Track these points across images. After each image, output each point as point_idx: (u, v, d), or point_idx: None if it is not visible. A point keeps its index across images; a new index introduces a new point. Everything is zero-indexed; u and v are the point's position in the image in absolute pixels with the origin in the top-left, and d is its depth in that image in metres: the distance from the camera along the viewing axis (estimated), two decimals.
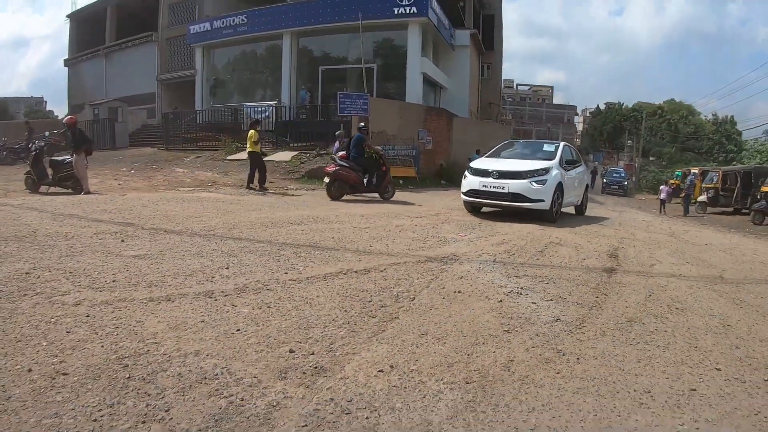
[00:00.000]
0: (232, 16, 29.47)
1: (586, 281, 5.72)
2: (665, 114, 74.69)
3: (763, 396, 3.28)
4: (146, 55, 35.75)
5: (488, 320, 4.10)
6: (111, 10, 39.12)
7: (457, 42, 31.57)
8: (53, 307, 3.86)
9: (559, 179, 10.95)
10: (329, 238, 7.23)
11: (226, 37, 29.74)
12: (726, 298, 5.74)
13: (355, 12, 23.53)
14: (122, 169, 18.68)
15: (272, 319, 3.80)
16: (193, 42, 31.34)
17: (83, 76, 41.20)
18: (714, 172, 26.68)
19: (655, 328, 4.31)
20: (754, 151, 51.88)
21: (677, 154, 65.03)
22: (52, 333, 3.38)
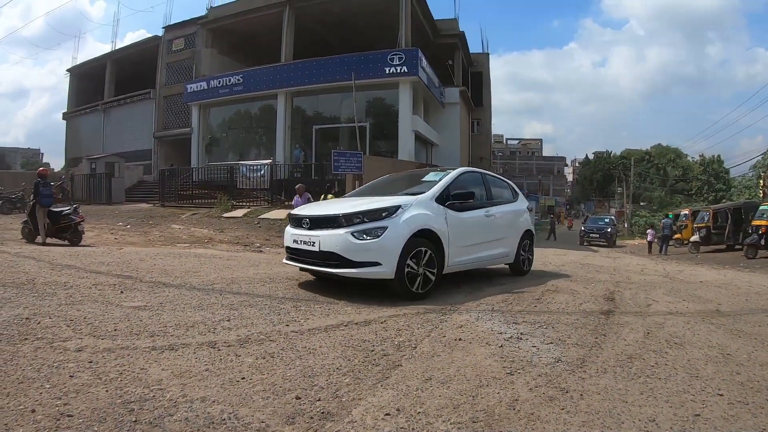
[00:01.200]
0: (228, 76, 30.10)
1: (585, 324, 5.78)
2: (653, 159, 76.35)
3: (767, 415, 3.36)
4: (144, 112, 36.45)
5: (490, 364, 4.13)
6: (110, 66, 40.12)
7: (447, 99, 32.30)
8: (55, 351, 3.89)
9: (426, 225, 7.03)
10: (328, 292, 7.26)
11: (222, 96, 30.31)
12: (724, 329, 5.86)
13: (348, 72, 24.09)
14: (118, 223, 18.72)
15: (277, 368, 3.81)
16: (190, 100, 31.89)
17: (81, 130, 41.87)
18: (704, 212, 27.20)
19: (655, 363, 4.38)
20: (743, 187, 52.65)
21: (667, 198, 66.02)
22: (54, 376, 3.40)
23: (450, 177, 8.33)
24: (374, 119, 28.02)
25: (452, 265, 7.68)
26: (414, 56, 25.67)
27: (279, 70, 28.83)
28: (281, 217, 19.13)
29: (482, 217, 8.57)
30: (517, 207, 10.11)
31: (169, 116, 35.53)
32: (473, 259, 8.37)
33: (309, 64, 27.94)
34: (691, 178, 68.69)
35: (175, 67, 35.59)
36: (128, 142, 36.40)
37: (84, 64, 43.27)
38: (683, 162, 75.10)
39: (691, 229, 28.33)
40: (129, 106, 37.85)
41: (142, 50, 38.04)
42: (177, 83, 34.49)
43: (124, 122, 37.55)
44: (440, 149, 32.17)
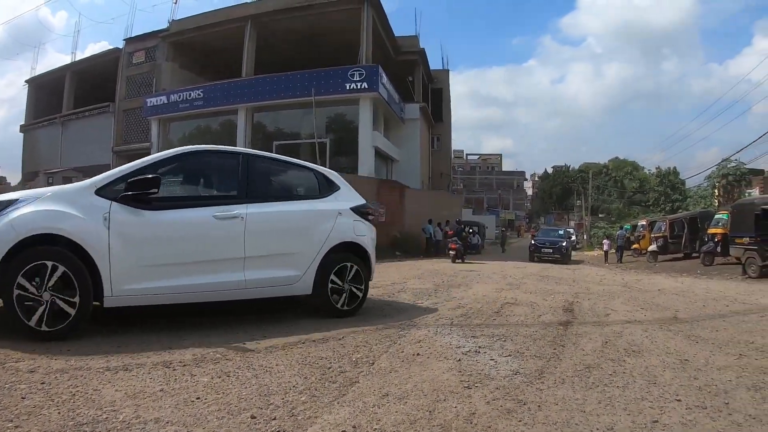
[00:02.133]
0: (188, 90, 29.90)
1: (543, 335, 5.85)
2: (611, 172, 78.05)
3: (726, 418, 3.43)
4: (102, 126, 35.73)
5: (448, 378, 4.14)
6: (70, 78, 39.27)
7: (407, 115, 32.61)
8: (7, 373, 3.80)
9: (45, 228, 4.83)
10: (287, 309, 7.23)
11: (182, 111, 30.07)
12: (681, 336, 6.00)
13: (308, 88, 24.19)
14: None
15: (232, 387, 3.77)
16: (149, 114, 31.52)
17: (39, 143, 40.89)
18: (661, 222, 27.90)
19: (613, 371, 4.44)
20: (698, 197, 53.93)
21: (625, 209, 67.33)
22: (6, 398, 3.31)
23: (153, 159, 5.98)
24: (335, 135, 28.11)
25: (123, 294, 5.18)
26: (374, 72, 25.88)
27: (240, 85, 28.76)
28: None
29: (206, 219, 5.75)
30: (319, 207, 6.88)
31: (128, 130, 34.92)
32: (183, 286, 5.59)
33: (270, 80, 27.95)
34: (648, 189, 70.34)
35: (135, 80, 35.08)
36: (86, 156, 35.40)
37: (43, 76, 42.35)
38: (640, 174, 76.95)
39: (648, 239, 29.08)
40: (88, 119, 37.09)
41: (103, 62, 37.40)
42: (137, 97, 34.01)
43: (83, 136, 36.69)
44: (400, 165, 32.41)
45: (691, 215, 27.21)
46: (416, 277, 13.29)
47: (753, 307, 8.69)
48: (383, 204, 24.50)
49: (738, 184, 46.51)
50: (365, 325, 6.23)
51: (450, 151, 47.63)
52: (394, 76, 30.43)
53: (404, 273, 14.49)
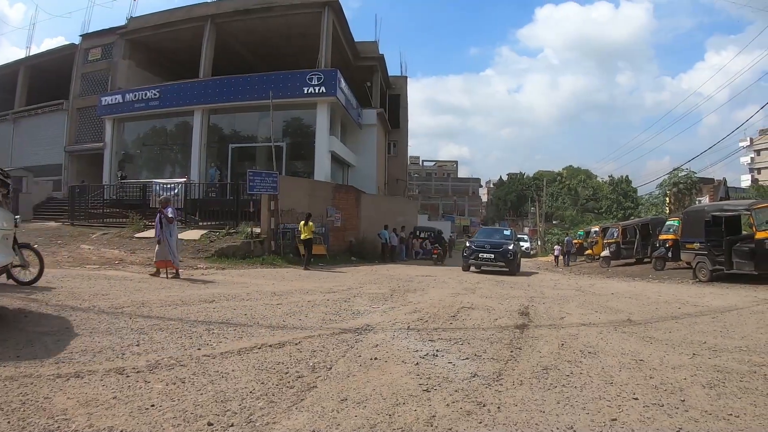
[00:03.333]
0: (144, 90, 29.31)
1: (500, 338, 5.95)
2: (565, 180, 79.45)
3: (682, 414, 3.56)
4: (55, 124, 34.55)
5: (407, 382, 4.18)
6: (23, 73, 37.84)
7: (365, 121, 32.63)
8: None
9: None
10: (242, 315, 7.17)
11: (137, 111, 29.42)
12: (636, 337, 6.17)
13: (266, 91, 23.94)
14: None
15: (188, 394, 3.74)
16: (104, 114, 30.74)
17: None
18: (614, 228, 28.49)
19: (570, 372, 4.54)
20: (650, 204, 55.20)
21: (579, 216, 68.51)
22: None
23: None
24: (291, 139, 27.98)
25: None
26: (333, 77, 25.83)
27: (197, 86, 28.32)
28: (195, 238, 18.65)
29: None
30: None
31: (81, 130, 33.84)
32: None
33: (228, 81, 27.63)
34: (601, 197, 72.00)
35: (90, 77, 34.03)
36: (38, 155, 34.40)
37: None
38: (593, 182, 78.63)
39: (601, 245, 29.63)
40: (40, 116, 35.76)
41: (58, 58, 36.10)
42: (92, 95, 32.87)
43: (35, 134, 35.44)
44: (357, 170, 32.41)
45: (642, 221, 27.87)
46: (372, 282, 13.32)
47: (704, 310, 9.02)
48: (339, 209, 24.48)
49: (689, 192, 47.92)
50: (320, 330, 6.23)
51: (406, 157, 47.73)
52: (352, 81, 30.41)
53: (360, 278, 14.49)
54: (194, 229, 20.78)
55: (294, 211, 21.07)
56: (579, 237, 38.61)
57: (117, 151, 30.90)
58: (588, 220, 64.17)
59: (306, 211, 19.80)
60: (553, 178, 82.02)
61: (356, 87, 31.49)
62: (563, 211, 73.49)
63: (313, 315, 7.48)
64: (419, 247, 31.86)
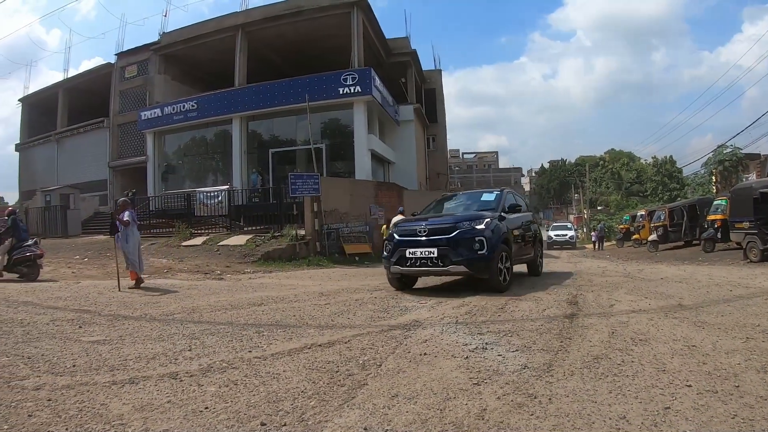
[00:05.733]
0: (182, 102, 29.83)
1: (549, 329, 5.82)
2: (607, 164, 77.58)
3: (737, 401, 3.41)
4: (98, 141, 35.68)
5: (457, 376, 4.11)
6: (63, 95, 39.21)
7: (402, 117, 32.52)
8: (12, 391, 3.80)
9: None
10: (291, 316, 7.20)
11: (176, 123, 30.01)
12: (687, 322, 5.96)
13: (302, 94, 24.16)
14: (75, 257, 18.30)
15: (240, 395, 3.75)
16: (144, 128, 31.48)
17: (34, 161, 40.73)
18: (660, 211, 27.75)
19: (621, 361, 4.41)
20: (696, 185, 53.74)
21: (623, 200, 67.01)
22: (12, 416, 3.31)
23: None
24: (330, 140, 28.08)
25: None
26: (367, 75, 25.84)
27: (233, 95, 28.70)
28: (241, 243, 18.91)
29: None
30: None
31: (123, 145, 34.84)
32: None
33: (263, 88, 27.92)
34: (645, 179, 70.11)
35: (128, 94, 34.97)
36: (83, 172, 35.56)
37: (36, 94, 42.14)
38: (637, 165, 76.58)
39: (648, 229, 29.01)
40: (82, 135, 36.97)
41: (95, 78, 37.27)
42: (131, 111, 33.87)
43: (78, 152, 36.60)
44: (397, 167, 32.34)
45: (689, 203, 27.08)
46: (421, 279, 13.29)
47: (756, 291, 8.66)
48: (381, 207, 24.47)
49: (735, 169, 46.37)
50: (369, 328, 6.21)
51: (446, 151, 47.56)
52: (386, 78, 30.38)
53: None
54: (239, 234, 21.08)
55: (337, 211, 21.18)
56: (625, 222, 37.89)
57: (159, 163, 31.57)
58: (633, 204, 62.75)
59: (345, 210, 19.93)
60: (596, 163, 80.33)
61: (391, 84, 31.44)
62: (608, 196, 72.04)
63: (362, 313, 7.47)
64: None
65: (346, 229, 21.47)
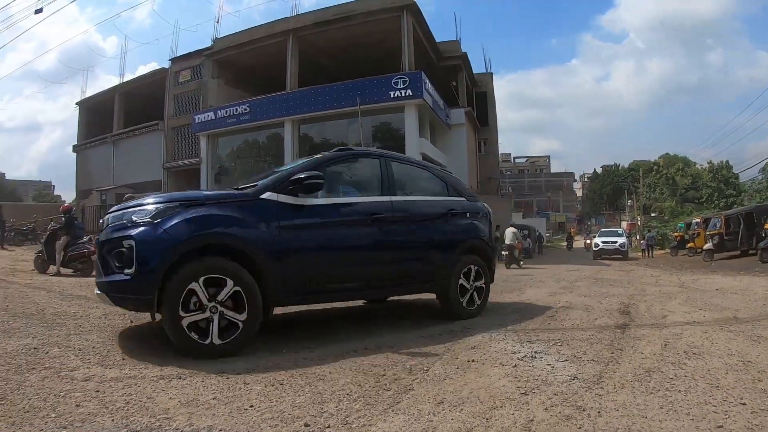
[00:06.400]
0: (234, 106, 30.31)
1: (600, 339, 5.65)
2: (661, 169, 75.35)
3: None
4: (152, 143, 36.63)
5: (504, 385, 4.01)
6: (118, 99, 40.43)
7: (453, 120, 32.36)
8: (62, 381, 3.85)
9: None
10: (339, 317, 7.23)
11: (229, 126, 30.51)
12: (743, 336, 5.71)
13: (352, 98, 24.23)
14: None
15: (285, 395, 3.74)
16: (198, 131, 32.11)
17: (91, 162, 42.13)
18: (716, 218, 26.83)
19: (674, 375, 4.24)
20: (753, 191, 52.00)
21: (678, 207, 65.17)
22: (60, 406, 3.34)
23: None
24: (382, 143, 28.06)
25: None
26: (418, 79, 25.79)
27: (285, 99, 29.05)
28: None
29: None
30: None
31: (177, 147, 35.74)
32: None
33: (314, 92, 28.17)
34: (700, 185, 67.98)
35: (182, 98, 35.83)
36: (138, 173, 36.55)
37: (93, 98, 43.65)
38: (692, 170, 74.19)
39: (703, 237, 28.07)
40: (138, 137, 38.06)
41: (149, 82, 38.39)
42: (185, 114, 34.74)
43: (134, 154, 37.68)
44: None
45: (746, 210, 26.15)
46: None
47: None
48: None
49: None
50: (417, 331, 6.16)
51: (497, 155, 47.14)
52: (437, 81, 30.23)
53: None
54: None
55: None
56: (679, 229, 36.85)
57: (212, 165, 32.16)
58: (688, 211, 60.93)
59: None
60: (650, 168, 77.94)
61: (442, 87, 31.31)
62: (662, 203, 70.10)
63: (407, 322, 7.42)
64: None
65: None
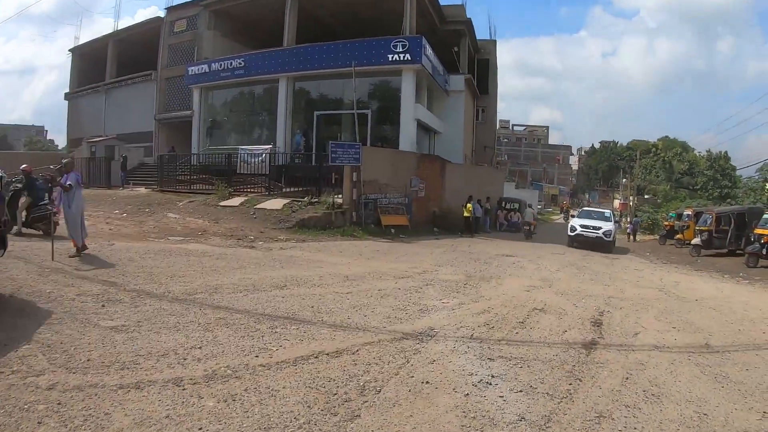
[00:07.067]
0: (229, 59, 29.83)
1: (563, 362, 5.70)
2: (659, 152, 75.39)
3: None
4: (145, 94, 36.09)
5: (450, 421, 4.05)
6: (112, 46, 39.72)
7: (452, 87, 32.01)
8: (27, 390, 3.95)
9: None
10: (308, 308, 7.29)
11: (223, 80, 30.06)
12: (708, 374, 5.69)
13: (351, 58, 23.84)
14: (115, 211, 18.58)
15: (235, 416, 3.82)
16: (191, 83, 31.67)
17: (83, 110, 41.59)
18: (708, 214, 26.83)
19: (624, 426, 4.19)
20: (748, 189, 52.12)
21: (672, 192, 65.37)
22: (24, 423, 3.45)
23: None
24: (379, 103, 27.85)
25: None
26: (418, 44, 25.36)
27: (281, 55, 28.59)
28: (277, 208, 19.02)
29: None
30: None
31: (170, 98, 35.25)
32: None
33: (312, 50, 27.69)
34: (697, 173, 68.04)
35: (176, 48, 35.12)
36: (130, 123, 36.17)
37: (86, 45, 42.83)
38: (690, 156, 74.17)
39: (693, 231, 28.15)
40: (131, 87, 37.48)
41: (144, 31, 37.57)
42: (179, 65, 34.05)
43: (126, 103, 37.16)
44: (443, 137, 31.99)
45: (739, 210, 26.04)
46: (449, 263, 13.24)
47: None
48: (423, 179, 24.28)
49: None
50: (381, 334, 6.24)
51: (495, 124, 46.74)
52: (438, 46, 29.71)
53: (438, 257, 14.46)
54: (278, 197, 21.20)
55: (377, 181, 21.07)
56: (670, 218, 36.96)
57: (205, 118, 31.80)
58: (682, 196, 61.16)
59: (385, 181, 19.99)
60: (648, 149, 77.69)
61: (443, 52, 30.82)
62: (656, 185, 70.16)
63: (380, 310, 7.53)
64: (504, 219, 31.35)
65: (384, 200, 21.39)
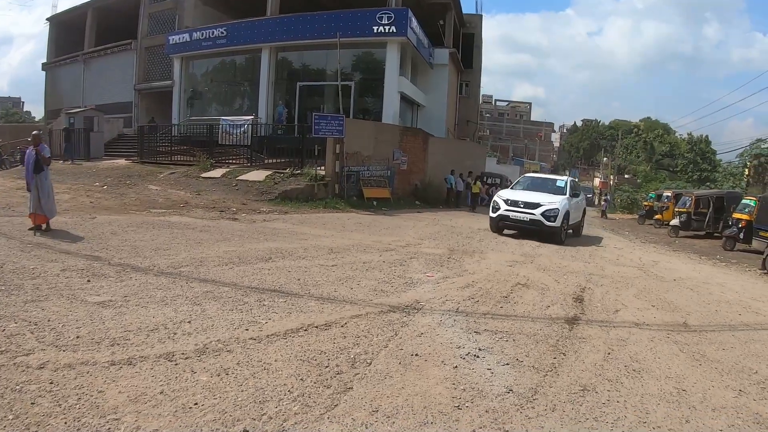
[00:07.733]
0: (211, 28, 29.38)
1: (547, 336, 5.81)
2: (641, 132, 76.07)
3: None
4: (124, 63, 35.42)
5: (440, 393, 4.13)
6: (91, 15, 38.71)
7: (436, 60, 31.85)
8: (18, 370, 3.91)
9: None
10: (294, 280, 7.33)
11: (204, 49, 29.63)
12: (686, 352, 5.82)
13: (335, 29, 23.67)
14: (95, 184, 18.37)
15: (229, 389, 3.85)
16: (172, 52, 31.19)
17: (61, 80, 40.70)
18: (687, 196, 27.22)
19: (607, 399, 4.31)
20: (728, 173, 52.70)
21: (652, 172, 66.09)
22: (17, 404, 3.42)
23: None
24: (361, 75, 27.69)
25: None
26: (404, 16, 25.17)
27: (264, 24, 28.20)
28: (260, 180, 18.96)
29: None
30: None
31: (150, 68, 34.66)
32: None
33: (295, 19, 27.32)
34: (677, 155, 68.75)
35: (157, 17, 34.47)
36: (109, 94, 35.45)
37: (64, 13, 41.77)
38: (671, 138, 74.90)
39: (672, 212, 28.52)
40: (110, 56, 36.68)
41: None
42: (159, 34, 33.45)
43: (105, 74, 36.44)
44: (426, 111, 31.97)
45: (718, 194, 26.50)
46: (432, 236, 13.32)
47: (765, 322, 8.09)
48: (405, 152, 24.33)
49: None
50: (369, 307, 6.31)
51: (478, 99, 46.76)
52: (424, 18, 29.42)
53: (421, 231, 14.55)
54: (260, 168, 21.12)
55: (360, 154, 21.08)
56: (649, 199, 37.34)
57: (186, 88, 31.41)
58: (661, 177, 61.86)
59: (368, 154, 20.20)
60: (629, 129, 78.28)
61: (428, 24, 30.56)
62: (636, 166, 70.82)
63: (366, 283, 7.59)
64: (485, 193, 31.53)
65: (366, 173, 21.46)
